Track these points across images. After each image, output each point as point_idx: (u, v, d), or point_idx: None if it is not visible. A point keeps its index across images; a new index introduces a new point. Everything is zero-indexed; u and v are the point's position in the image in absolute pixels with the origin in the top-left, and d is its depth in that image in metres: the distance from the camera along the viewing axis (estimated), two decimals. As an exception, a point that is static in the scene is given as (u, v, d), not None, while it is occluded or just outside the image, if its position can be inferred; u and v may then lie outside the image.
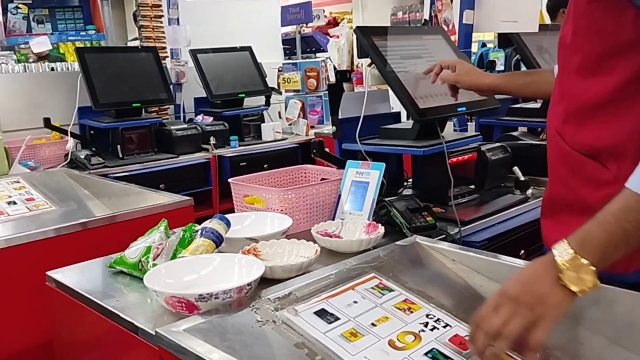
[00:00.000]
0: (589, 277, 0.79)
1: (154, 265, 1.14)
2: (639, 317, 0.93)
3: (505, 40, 2.35)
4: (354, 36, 4.56)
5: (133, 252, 1.20)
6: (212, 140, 3.22)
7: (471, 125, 2.52)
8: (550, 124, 1.14)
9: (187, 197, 2.01)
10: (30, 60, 3.96)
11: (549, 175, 1.17)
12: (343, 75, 1.90)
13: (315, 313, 0.95)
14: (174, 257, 1.17)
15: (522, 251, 1.59)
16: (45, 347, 1.40)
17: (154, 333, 0.92)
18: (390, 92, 1.93)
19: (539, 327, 0.78)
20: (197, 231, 1.22)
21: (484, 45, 5.46)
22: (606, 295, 0.97)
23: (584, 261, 0.79)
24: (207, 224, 1.23)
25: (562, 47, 1.10)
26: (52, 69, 3.34)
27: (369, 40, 1.67)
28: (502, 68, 4.17)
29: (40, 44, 3.85)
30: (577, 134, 1.06)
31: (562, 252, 0.80)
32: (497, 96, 1.88)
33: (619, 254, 0.81)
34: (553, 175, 1.16)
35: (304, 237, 1.29)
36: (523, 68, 3.25)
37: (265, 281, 1.08)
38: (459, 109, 1.71)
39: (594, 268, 0.79)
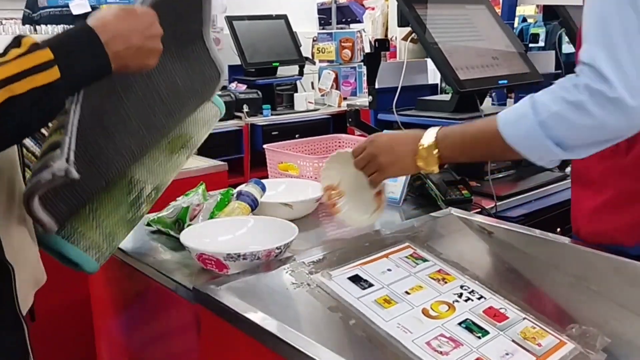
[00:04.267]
0: (434, 164, 1.02)
1: (190, 225, 1.16)
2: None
3: (551, 13, 2.26)
4: (389, 8, 4.48)
5: (171, 211, 1.22)
6: (245, 108, 3.23)
7: (510, 102, 2.46)
8: None
9: (222, 162, 2.03)
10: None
11: None
12: (382, 45, 1.87)
13: (349, 278, 0.95)
14: (210, 218, 1.18)
15: (558, 229, 1.56)
16: (83, 303, 1.44)
17: (191, 289, 0.94)
18: (429, 64, 1.90)
19: (381, 175, 1.08)
20: (233, 195, 1.24)
21: (524, 20, 5.30)
22: (629, 269, 0.96)
23: (436, 152, 1.00)
24: (243, 187, 1.24)
25: None
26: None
27: (410, 8, 1.64)
28: (543, 44, 4.04)
29: (80, 5, 3.87)
30: None
31: (429, 136, 1.02)
32: (540, 71, 1.83)
33: (462, 159, 1.08)
34: None
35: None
36: (565, 43, 3.14)
37: (300, 244, 1.09)
38: (500, 82, 1.67)
39: (439, 160, 1.01)
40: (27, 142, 1.06)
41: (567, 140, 0.86)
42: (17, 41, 0.70)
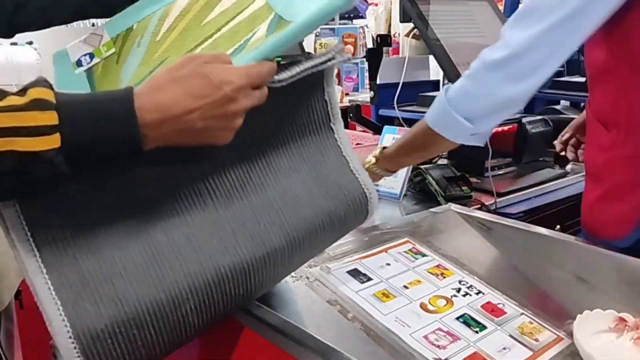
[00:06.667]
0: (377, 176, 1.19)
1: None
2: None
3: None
4: (392, 4, 4.46)
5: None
6: (247, 103, 3.22)
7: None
8: None
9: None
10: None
11: None
12: (384, 40, 1.87)
13: (348, 272, 0.96)
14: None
15: (558, 226, 1.56)
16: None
17: (190, 282, 0.94)
18: (430, 60, 1.90)
19: None
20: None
21: (527, 17, 5.29)
22: (628, 266, 0.96)
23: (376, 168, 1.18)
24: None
25: None
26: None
27: (413, 4, 1.63)
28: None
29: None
30: (592, 102, 1.12)
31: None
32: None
33: (406, 162, 1.26)
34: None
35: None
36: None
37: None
38: (501, 79, 1.67)
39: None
40: None
41: (471, 112, 0.98)
42: (24, 89, 0.53)
